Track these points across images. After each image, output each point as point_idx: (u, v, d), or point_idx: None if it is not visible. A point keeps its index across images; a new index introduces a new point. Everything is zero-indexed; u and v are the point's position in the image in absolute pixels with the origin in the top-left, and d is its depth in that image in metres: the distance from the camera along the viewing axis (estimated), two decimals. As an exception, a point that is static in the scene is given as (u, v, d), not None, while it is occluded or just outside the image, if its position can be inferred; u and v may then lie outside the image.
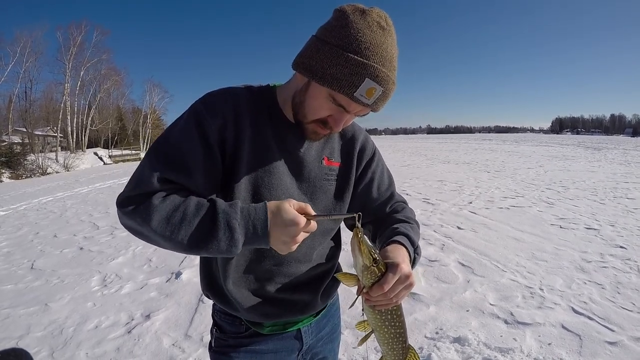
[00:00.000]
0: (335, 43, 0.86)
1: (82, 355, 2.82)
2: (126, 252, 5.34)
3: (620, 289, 3.49)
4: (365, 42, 0.84)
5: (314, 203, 1.09)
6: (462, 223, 6.03)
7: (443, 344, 2.75)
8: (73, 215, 8.43)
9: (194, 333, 3.04)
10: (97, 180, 17.46)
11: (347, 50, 0.84)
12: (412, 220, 1.16)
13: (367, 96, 0.87)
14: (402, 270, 0.84)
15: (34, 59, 33.56)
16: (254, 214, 0.84)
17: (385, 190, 1.22)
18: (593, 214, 6.49)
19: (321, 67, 0.87)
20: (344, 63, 0.84)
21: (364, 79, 0.84)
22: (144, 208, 0.83)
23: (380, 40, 0.86)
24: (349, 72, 0.84)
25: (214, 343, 1.17)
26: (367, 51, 0.84)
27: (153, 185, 0.86)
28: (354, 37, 0.84)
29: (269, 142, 1.00)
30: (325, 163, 1.10)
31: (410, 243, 1.00)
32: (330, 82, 0.86)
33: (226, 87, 1.02)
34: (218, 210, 0.83)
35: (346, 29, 0.86)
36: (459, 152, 25.12)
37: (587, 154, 20.84)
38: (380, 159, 1.24)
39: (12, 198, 12.50)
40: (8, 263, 5.14)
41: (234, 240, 0.82)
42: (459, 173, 12.91)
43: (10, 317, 3.48)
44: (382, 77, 0.85)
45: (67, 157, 29.95)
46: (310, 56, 0.89)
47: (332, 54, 0.86)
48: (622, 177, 10.98)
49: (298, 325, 1.17)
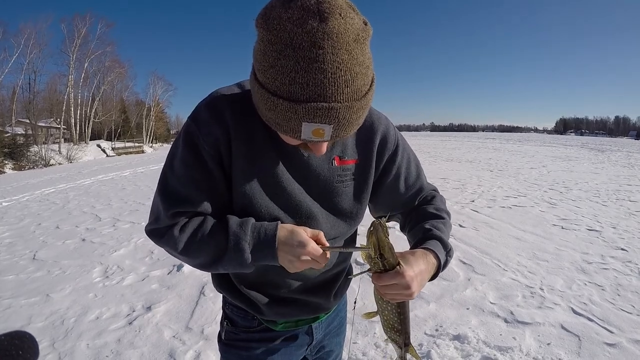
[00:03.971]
0: (261, 81, 0.72)
1: (83, 346, 2.83)
2: (128, 244, 5.36)
3: (621, 291, 3.49)
4: (289, 74, 0.67)
5: (329, 207, 1.02)
6: (464, 221, 6.03)
7: (443, 341, 2.75)
8: (75, 207, 8.45)
9: (194, 325, 3.06)
10: (99, 172, 17.47)
11: (272, 92, 0.70)
12: (444, 212, 1.08)
13: (317, 136, 0.74)
14: (401, 279, 0.81)
15: (38, 51, 33.54)
16: (263, 235, 0.88)
17: (413, 183, 1.12)
18: (595, 215, 6.48)
19: (261, 109, 0.77)
20: (274, 108, 0.71)
21: (300, 124, 0.71)
22: (167, 238, 0.92)
23: (309, 58, 0.65)
24: (283, 117, 0.72)
25: (224, 336, 1.16)
26: (292, 87, 0.67)
27: (168, 221, 0.92)
28: (274, 70, 0.68)
29: (268, 151, 0.93)
30: (336, 163, 1.00)
31: (443, 246, 0.96)
32: (274, 126, 0.77)
33: (218, 95, 0.93)
34: (229, 232, 0.88)
35: (265, 57, 0.69)
36: (462, 150, 25.08)
37: (590, 156, 20.77)
38: (406, 149, 1.12)
39: (14, 189, 12.53)
40: (10, 253, 5.16)
41: (243, 260, 0.88)
42: (461, 171, 12.90)
43: (11, 307, 3.49)
44: (322, 115, 0.69)
45: (70, 149, 29.99)
46: (253, 93, 0.79)
47: (262, 97, 0.73)
48: (625, 179, 10.95)
49: (309, 322, 1.18)
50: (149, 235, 0.97)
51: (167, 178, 0.94)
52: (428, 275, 0.89)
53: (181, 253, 0.92)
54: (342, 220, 1.06)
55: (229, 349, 1.15)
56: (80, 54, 36.35)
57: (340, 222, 1.06)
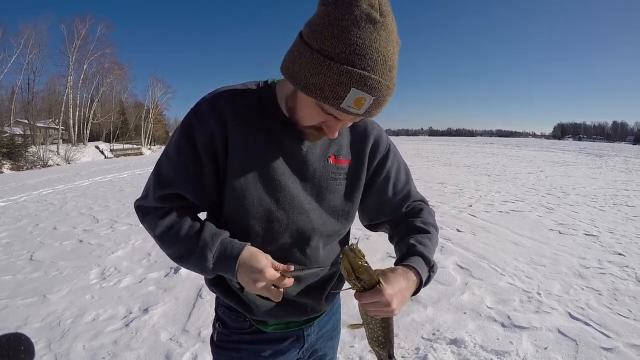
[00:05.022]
0: (316, 47, 0.77)
1: (79, 348, 2.82)
2: (125, 245, 5.35)
3: (618, 296, 3.50)
4: (351, 45, 0.74)
5: (322, 203, 1.06)
6: (462, 226, 6.04)
7: (439, 345, 2.75)
8: (73, 208, 8.44)
9: (191, 328, 3.05)
10: (97, 173, 17.46)
11: (329, 56, 0.75)
12: (431, 226, 1.10)
13: (356, 107, 0.79)
14: (381, 297, 0.85)
15: (38, 51, 33.67)
16: (228, 251, 0.93)
17: (401, 188, 1.15)
18: (592, 220, 6.49)
19: (304, 75, 0.80)
20: (326, 72, 0.76)
21: (349, 89, 0.76)
22: (149, 220, 1.00)
23: (370, 39, 0.75)
24: (332, 82, 0.76)
25: (216, 337, 1.17)
26: (352, 56, 0.74)
27: (154, 202, 1.00)
28: (336, 40, 0.75)
29: (265, 145, 0.97)
30: (331, 161, 1.05)
31: (426, 262, 0.98)
32: (314, 92, 0.79)
33: (221, 91, 0.99)
34: (200, 239, 0.94)
35: (328, 28, 0.76)
36: (460, 154, 25.13)
37: (588, 161, 20.84)
38: (396, 155, 1.16)
39: (12, 189, 12.51)
40: (7, 254, 5.15)
41: (205, 267, 0.93)
42: (459, 176, 12.92)
43: (8, 308, 3.48)
44: (371, 85, 0.76)
45: (68, 150, 30.00)
46: (294, 61, 0.82)
47: (313, 61, 0.77)
48: (622, 184, 10.98)
49: (301, 325, 1.18)
50: (135, 210, 1.06)
51: (162, 162, 1.01)
52: (409, 292, 0.92)
53: (157, 238, 1.00)
54: (333, 218, 1.09)
55: (220, 350, 1.16)
56: (80, 55, 36.51)
57: (332, 219, 1.09)
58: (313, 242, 1.06)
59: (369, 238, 5.17)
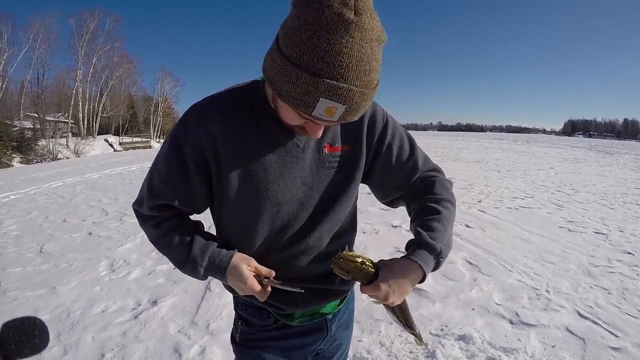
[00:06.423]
0: (286, 54, 0.75)
1: (88, 339, 2.86)
2: (135, 238, 5.39)
3: (627, 295, 3.47)
4: (318, 52, 0.71)
5: (322, 194, 1.06)
6: (471, 221, 6.00)
7: (448, 341, 2.75)
8: (82, 201, 8.52)
9: (200, 320, 3.07)
10: (107, 166, 17.58)
11: (297, 65, 0.73)
12: (443, 201, 1.06)
13: (328, 115, 0.77)
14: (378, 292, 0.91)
15: (47, 46, 33.94)
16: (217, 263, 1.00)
17: (406, 159, 1.12)
18: (602, 218, 6.43)
19: (277, 81, 0.78)
20: (295, 81, 0.74)
21: (318, 99, 0.74)
22: (146, 226, 1.08)
23: (341, 43, 0.71)
24: (301, 91, 0.75)
25: (239, 337, 1.16)
26: (320, 64, 0.71)
27: (148, 211, 1.05)
28: (305, 47, 0.72)
29: (259, 145, 0.97)
30: (327, 151, 1.04)
31: (431, 251, 0.95)
32: (287, 99, 0.78)
33: (208, 99, 0.99)
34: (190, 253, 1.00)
35: (298, 34, 0.73)
36: (469, 150, 24.94)
37: (598, 158, 20.60)
38: (397, 128, 1.13)
39: (22, 182, 12.65)
40: (17, 246, 5.21)
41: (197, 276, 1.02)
42: (469, 171, 12.84)
43: (18, 299, 3.53)
44: (340, 94, 0.73)
45: (77, 143, 30.26)
46: (270, 65, 0.81)
47: (283, 69, 0.76)
48: (633, 182, 10.84)
49: (324, 315, 1.18)
50: (134, 213, 1.11)
51: (153, 173, 1.04)
52: (410, 285, 0.93)
53: (153, 244, 1.08)
54: (335, 206, 1.08)
55: (245, 349, 1.16)
56: (89, 49, 36.67)
57: (334, 208, 1.08)
58: (316, 234, 1.07)
59: (377, 233, 5.17)
